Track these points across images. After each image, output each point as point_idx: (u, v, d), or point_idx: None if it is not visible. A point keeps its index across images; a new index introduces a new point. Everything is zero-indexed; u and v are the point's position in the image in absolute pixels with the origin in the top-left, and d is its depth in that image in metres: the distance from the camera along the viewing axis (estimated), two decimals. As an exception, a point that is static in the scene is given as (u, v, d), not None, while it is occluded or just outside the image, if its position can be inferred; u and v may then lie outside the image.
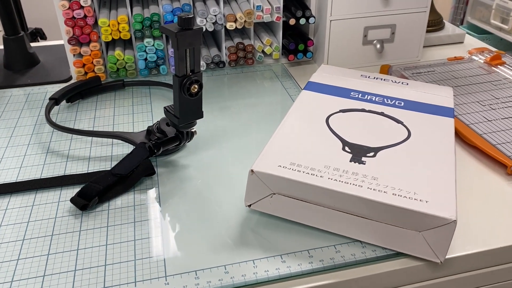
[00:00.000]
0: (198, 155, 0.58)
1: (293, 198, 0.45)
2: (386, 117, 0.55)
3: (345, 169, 0.45)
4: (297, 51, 0.82)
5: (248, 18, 0.76)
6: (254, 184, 0.45)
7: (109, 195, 0.50)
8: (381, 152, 0.48)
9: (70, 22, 0.71)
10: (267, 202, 0.46)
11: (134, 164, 0.52)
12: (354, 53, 0.81)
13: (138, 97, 0.72)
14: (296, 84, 0.76)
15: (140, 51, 0.75)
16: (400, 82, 0.64)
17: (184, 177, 0.54)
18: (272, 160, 0.46)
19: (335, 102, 0.58)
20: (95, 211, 0.49)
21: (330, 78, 0.64)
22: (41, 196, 0.51)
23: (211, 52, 0.80)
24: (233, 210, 0.49)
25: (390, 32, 0.81)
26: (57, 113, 0.68)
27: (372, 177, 0.44)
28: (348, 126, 0.53)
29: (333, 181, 0.43)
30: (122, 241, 0.45)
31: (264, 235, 0.46)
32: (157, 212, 0.49)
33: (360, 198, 0.42)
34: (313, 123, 0.53)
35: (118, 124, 0.65)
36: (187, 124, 0.53)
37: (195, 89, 0.50)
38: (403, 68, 0.78)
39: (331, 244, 0.44)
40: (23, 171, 0.55)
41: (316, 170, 0.45)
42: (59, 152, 0.59)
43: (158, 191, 0.52)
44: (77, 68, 0.74)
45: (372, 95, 0.60)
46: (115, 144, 0.60)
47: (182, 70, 0.49)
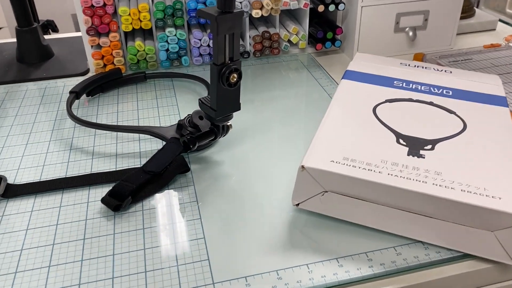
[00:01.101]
0: (232, 150, 0.54)
1: (347, 196, 0.41)
2: (436, 107, 0.51)
3: (404, 164, 0.41)
4: (325, 40, 0.78)
5: (275, 5, 0.72)
6: (304, 181, 0.41)
7: (142, 195, 0.47)
8: (439, 144, 0.44)
9: (89, 11, 0.67)
10: (318, 200, 0.42)
11: (167, 160, 0.49)
12: (385, 41, 0.77)
13: (161, 90, 0.68)
14: (326, 74, 0.72)
15: (161, 42, 0.71)
16: (443, 70, 0.60)
17: (219, 174, 0.50)
18: (323, 155, 0.42)
19: (379, 91, 0.54)
20: (129, 212, 0.45)
21: (369, 66, 0.60)
22: (68, 197, 0.47)
23: (235, 42, 0.76)
24: (277, 209, 0.45)
25: (423, 18, 0.77)
26: (76, 107, 0.64)
27: (435, 172, 0.40)
28: (397, 117, 0.49)
29: (394, 177, 0.40)
30: (161, 245, 0.41)
31: (315, 237, 0.42)
32: (196, 212, 0.45)
33: (426, 196, 0.38)
34: (360, 114, 0.49)
35: (143, 118, 0.61)
36: (224, 117, 0.49)
37: (234, 79, 0.46)
38: (438, 57, 0.74)
39: (390, 246, 0.41)
40: (46, 169, 0.51)
41: (373, 165, 0.41)
42: (83, 148, 0.55)
43: (194, 189, 0.48)
44: (96, 60, 0.70)
45: (417, 84, 0.56)
46: (142, 139, 0.56)
47: (221, 58, 0.45)
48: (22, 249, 0.41)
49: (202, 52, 0.73)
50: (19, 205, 0.46)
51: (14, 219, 0.45)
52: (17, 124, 0.60)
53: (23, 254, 0.41)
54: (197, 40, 0.72)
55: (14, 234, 0.43)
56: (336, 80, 0.70)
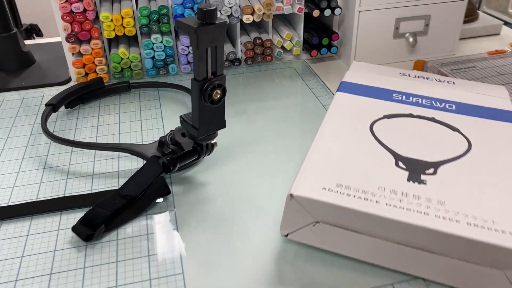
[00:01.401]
0: (218, 169, 0.50)
1: (341, 228, 0.37)
2: (438, 123, 0.47)
3: (403, 192, 0.37)
4: (321, 46, 0.74)
5: (268, 10, 0.68)
6: (293, 211, 0.38)
7: (117, 221, 0.43)
8: (441, 168, 0.40)
9: (68, 17, 0.63)
10: (309, 231, 0.38)
11: (145, 183, 0.45)
12: (384, 47, 0.73)
13: (146, 101, 0.64)
14: (321, 83, 0.68)
15: (147, 49, 0.67)
16: (445, 81, 0.56)
17: (203, 197, 0.46)
18: (315, 181, 0.38)
19: (377, 105, 0.50)
20: (102, 242, 0.41)
21: (366, 77, 0.56)
22: (38, 223, 0.43)
23: (225, 48, 0.72)
24: (265, 238, 0.41)
25: (424, 24, 0.73)
26: (55, 120, 0.60)
27: (437, 202, 0.36)
28: (396, 135, 0.45)
29: (392, 207, 0.36)
30: (136, 281, 0.37)
31: (306, 271, 0.38)
32: (175, 242, 0.41)
33: (428, 230, 0.34)
34: (356, 133, 0.45)
35: (124, 132, 0.57)
36: (207, 136, 0.45)
37: (217, 95, 0.42)
38: (440, 64, 0.70)
39: (388, 283, 0.37)
40: (16, 191, 0.47)
41: (370, 193, 0.37)
42: (58, 167, 0.51)
43: (174, 215, 0.44)
44: (77, 69, 0.66)
45: (418, 97, 0.52)
46: (122, 157, 0.52)
47: (203, 73, 0.41)
48: (-19, 286, 0.37)
49: (190, 59, 0.69)
50: (-17, 234, 0.42)
51: (-25, 250, 0.41)
52: (-11, 139, 0.56)
53: (-18, 292, 0.37)
54: (185, 47, 0.68)
55: (-26, 268, 0.39)
56: (332, 90, 0.66)
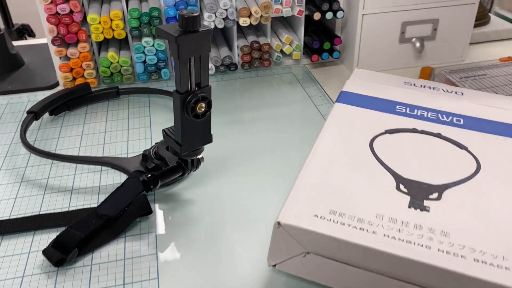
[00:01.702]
0: (206, 185, 0.47)
1: (334, 260, 0.33)
2: (444, 139, 0.43)
3: (404, 220, 0.34)
4: (322, 51, 0.70)
5: (265, 12, 0.64)
6: (281, 240, 0.34)
7: (92, 244, 0.39)
8: (446, 192, 0.37)
9: (54, 19, 0.59)
10: (298, 262, 0.35)
11: (125, 201, 0.41)
12: (389, 52, 0.69)
13: (135, 108, 0.61)
14: (321, 90, 0.64)
15: (137, 53, 0.63)
16: (453, 92, 0.52)
17: (188, 218, 0.43)
18: (305, 207, 0.34)
19: (378, 119, 0.46)
20: (74, 267, 0.38)
21: (368, 86, 0.52)
22: (8, 244, 0.40)
23: (221, 52, 0.69)
24: (252, 266, 0.38)
25: (432, 28, 0.68)
26: (38, 128, 0.57)
27: (441, 233, 0.33)
28: (398, 153, 0.41)
29: (391, 239, 0.32)
30: (107, 314, 0.34)
31: (294, 306, 0.34)
32: (154, 269, 0.37)
33: (430, 266, 0.30)
34: (354, 150, 0.41)
35: (110, 143, 0.53)
36: (191, 152, 0.41)
37: (201, 109, 0.39)
38: (448, 71, 0.66)
39: (385, 322, 0.33)
40: (-11, 207, 0.44)
41: (366, 222, 0.33)
42: (36, 181, 0.48)
43: (155, 238, 0.40)
44: (64, 73, 0.63)
45: (423, 110, 0.48)
46: (105, 170, 0.49)
47: (185, 85, 0.37)
48: None
49: (184, 64, 0.66)
50: None
51: None
52: (-33, 148, 0.53)
53: None
54: (178, 51, 0.64)
55: None
56: (332, 98, 0.62)
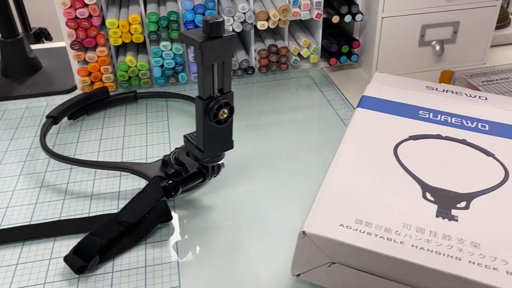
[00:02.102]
0: (226, 191, 0.46)
1: (360, 271, 0.33)
2: (469, 146, 0.42)
3: (432, 230, 0.33)
4: (340, 54, 0.69)
5: (284, 16, 0.64)
6: (306, 249, 0.33)
7: (113, 251, 0.39)
8: (475, 201, 0.36)
9: (73, 23, 0.59)
10: (323, 272, 0.34)
11: (146, 208, 0.41)
12: (408, 56, 0.68)
13: (154, 112, 0.60)
14: (340, 94, 0.63)
15: (155, 57, 0.63)
16: (476, 96, 0.51)
17: (208, 225, 0.42)
18: (330, 217, 0.34)
19: (401, 125, 0.45)
20: (95, 275, 0.38)
21: (389, 91, 0.51)
22: (29, 250, 0.40)
23: (238, 56, 0.68)
24: (275, 275, 0.37)
25: (452, 31, 0.67)
26: (56, 133, 0.57)
27: (471, 243, 0.32)
28: (424, 160, 0.40)
29: (419, 250, 0.31)
30: (129, 323, 0.34)
31: (318, 317, 0.34)
32: (175, 277, 0.37)
33: (460, 279, 0.30)
34: (378, 157, 0.40)
35: (129, 147, 0.53)
36: (213, 158, 0.41)
37: (224, 115, 0.38)
38: (469, 75, 0.65)
39: (413, 334, 0.32)
40: (9, 213, 0.44)
41: (393, 232, 0.32)
42: (55, 186, 0.48)
43: (176, 246, 0.40)
44: (82, 77, 0.63)
45: (447, 115, 0.47)
46: (124, 175, 0.48)
47: (208, 91, 0.37)
48: (-38, 324, 0.34)
49: (201, 68, 0.65)
50: (-30, 261, 0.39)
51: (-40, 280, 0.38)
52: (-13, 152, 0.54)
53: (-38, 331, 0.34)
54: (195, 55, 0.64)
55: (-44, 302, 0.36)
56: (351, 101, 0.61)
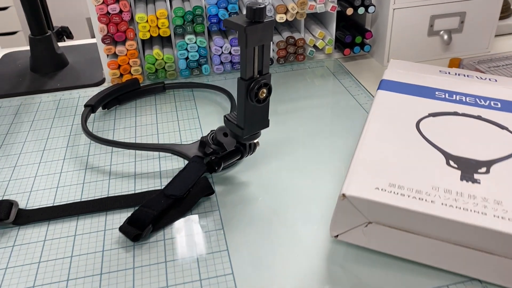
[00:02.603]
0: (258, 169, 0.50)
1: (394, 229, 0.36)
2: (485, 121, 0.46)
3: (458, 191, 0.36)
4: (353, 45, 0.73)
5: (301, 8, 0.67)
6: (344, 211, 0.37)
7: (163, 222, 0.43)
8: (494, 166, 0.40)
9: (104, 19, 0.63)
10: (360, 232, 0.38)
11: (189, 183, 0.45)
12: (418, 45, 0.72)
13: (181, 101, 0.64)
14: (356, 81, 0.67)
15: (181, 49, 0.67)
16: (487, 79, 0.55)
17: (246, 197, 0.46)
18: (366, 181, 0.37)
19: (420, 104, 0.49)
20: (149, 242, 0.41)
21: (406, 75, 0.55)
22: (84, 224, 0.44)
23: (258, 48, 0.72)
24: (312, 240, 0.41)
25: (459, 21, 0.71)
26: (92, 121, 0.60)
27: (494, 201, 0.36)
28: (444, 133, 0.44)
29: (449, 207, 0.35)
30: (186, 281, 0.37)
31: (357, 272, 0.37)
32: (222, 242, 0.41)
33: (487, 230, 0.33)
34: (402, 131, 0.44)
35: (163, 133, 0.57)
36: (251, 135, 0.45)
37: (263, 94, 0.42)
38: (476, 62, 0.69)
39: (443, 284, 0.36)
40: (60, 192, 0.48)
41: (424, 193, 0.36)
42: (99, 168, 0.51)
43: (219, 215, 0.44)
44: (112, 70, 0.66)
45: (461, 95, 0.51)
46: (163, 157, 0.52)
47: (250, 72, 0.41)
48: (34, 286, 0.37)
49: (223, 60, 0.69)
50: (31, 234, 0.43)
51: (25, 249, 0.41)
52: (30, 140, 0.57)
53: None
54: (218, 48, 0.68)
55: (25, 267, 0.39)
56: (367, 88, 0.65)
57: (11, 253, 0.41)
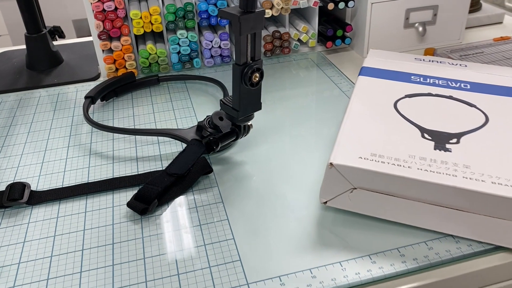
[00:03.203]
0: (252, 150, 0.54)
1: (376, 192, 0.41)
2: (456, 100, 0.51)
3: (432, 158, 0.41)
4: (335, 38, 0.78)
5: (286, 4, 0.72)
6: (332, 179, 0.41)
7: (167, 197, 0.46)
8: (464, 138, 0.44)
9: (100, 16, 0.66)
10: (346, 198, 0.42)
11: (189, 162, 0.48)
12: (395, 37, 0.77)
13: (175, 93, 0.68)
14: (339, 71, 0.72)
15: (173, 44, 0.71)
16: (457, 64, 0.60)
17: (242, 175, 0.50)
18: (351, 152, 0.42)
19: (397, 87, 0.54)
20: (155, 215, 0.45)
21: (384, 62, 0.60)
22: (93, 202, 0.47)
23: (245, 42, 0.76)
24: (303, 208, 0.45)
25: (432, 13, 0.77)
26: (92, 112, 0.64)
27: (464, 165, 0.40)
28: (419, 111, 0.49)
29: (424, 171, 0.40)
30: (192, 247, 0.41)
31: (344, 235, 0.42)
32: (223, 213, 0.45)
33: (457, 189, 0.38)
34: (382, 110, 0.49)
35: (159, 121, 0.61)
36: (246, 117, 0.49)
37: (256, 78, 0.46)
38: (449, 51, 0.74)
39: (421, 241, 0.41)
40: (67, 175, 0.51)
41: (402, 160, 0.41)
42: (102, 153, 0.55)
43: (218, 190, 0.48)
44: (108, 65, 0.70)
45: (434, 79, 0.56)
46: (162, 142, 0.56)
47: (243, 58, 0.45)
48: (52, 255, 0.41)
49: (214, 53, 0.73)
50: (44, 212, 0.46)
51: (40, 225, 0.44)
52: (33, 131, 0.60)
53: (53, 261, 0.40)
54: (208, 42, 0.72)
55: (42, 240, 0.43)
56: (349, 77, 0.70)
57: (27, 229, 0.44)
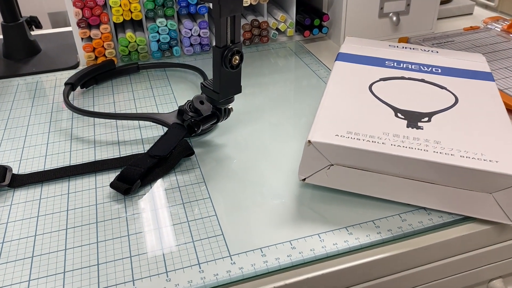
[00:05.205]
0: (232, 134, 0.55)
1: (352, 168, 0.43)
2: (428, 83, 0.53)
3: (405, 135, 0.43)
4: (312, 27, 0.79)
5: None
6: (310, 156, 0.43)
7: (149, 178, 0.47)
8: (435, 117, 0.47)
9: (79, 3, 0.66)
10: (324, 174, 0.44)
11: (172, 144, 0.49)
12: (370, 26, 0.79)
13: (156, 80, 0.68)
14: (316, 59, 0.74)
15: (152, 32, 0.71)
16: (429, 51, 0.63)
17: (223, 156, 0.51)
18: (328, 130, 0.44)
19: (372, 71, 0.56)
20: (138, 195, 0.46)
21: (360, 48, 0.62)
22: (76, 184, 0.48)
23: (224, 31, 0.77)
24: (283, 186, 0.47)
25: (406, 4, 0.79)
26: (72, 99, 0.64)
27: (434, 141, 0.42)
28: (393, 93, 0.51)
29: (397, 147, 0.41)
30: (175, 223, 0.42)
31: (322, 210, 0.43)
32: (205, 192, 0.46)
33: (428, 162, 0.40)
34: (357, 92, 0.51)
35: (140, 107, 0.61)
36: (226, 99, 0.50)
37: (236, 61, 0.47)
38: (422, 40, 0.77)
39: (395, 214, 0.43)
40: (49, 159, 0.52)
41: (376, 137, 0.43)
42: (84, 138, 0.55)
43: (200, 171, 0.49)
44: (87, 53, 0.70)
45: (407, 63, 0.58)
46: (143, 126, 0.56)
47: (223, 41, 0.46)
48: (36, 235, 0.41)
49: (193, 42, 0.74)
50: (27, 194, 0.46)
51: (23, 207, 0.45)
52: (13, 117, 0.60)
53: (38, 239, 0.41)
54: (188, 30, 0.73)
55: (26, 221, 0.43)
56: (326, 65, 0.72)
57: (10, 210, 0.44)
